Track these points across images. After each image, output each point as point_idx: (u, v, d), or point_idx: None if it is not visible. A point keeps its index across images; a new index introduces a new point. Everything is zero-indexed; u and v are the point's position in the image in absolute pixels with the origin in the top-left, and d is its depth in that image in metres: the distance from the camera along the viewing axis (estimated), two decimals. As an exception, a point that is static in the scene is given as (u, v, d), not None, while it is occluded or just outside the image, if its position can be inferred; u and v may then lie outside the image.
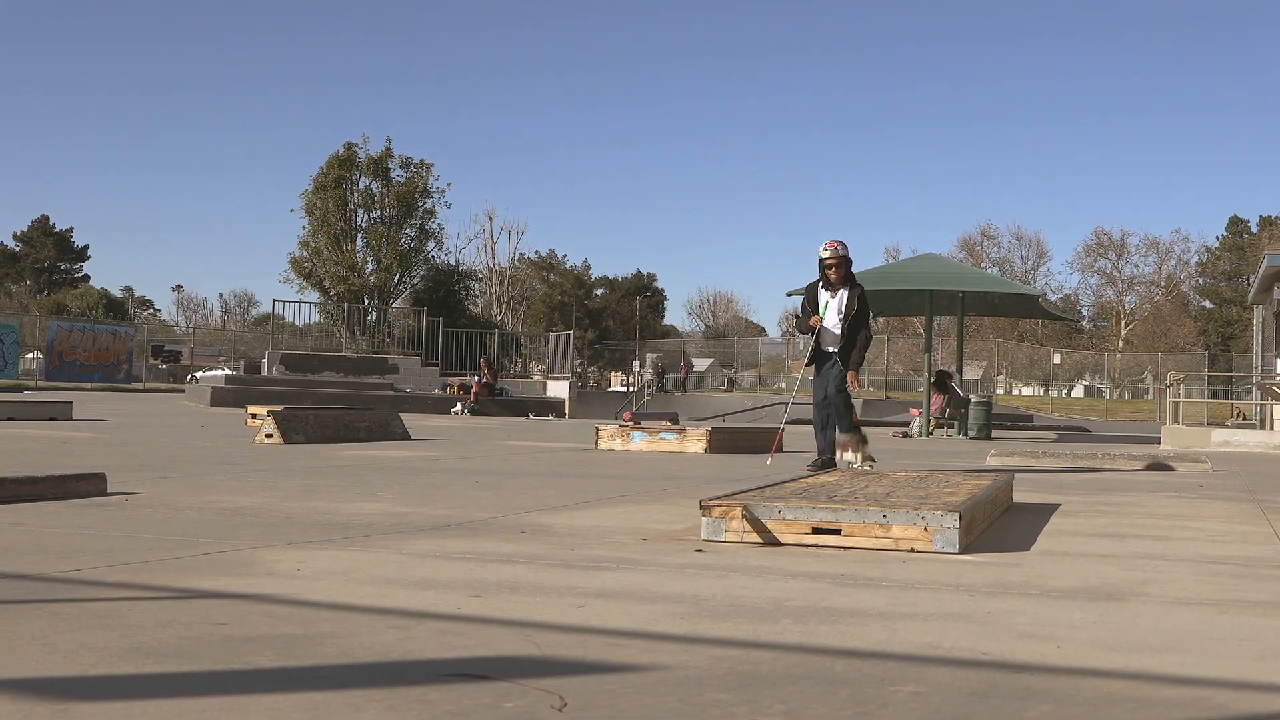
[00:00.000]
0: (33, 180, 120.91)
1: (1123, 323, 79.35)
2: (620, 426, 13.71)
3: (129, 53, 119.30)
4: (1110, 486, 8.61)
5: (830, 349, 9.14)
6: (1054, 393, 64.35)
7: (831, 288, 9.10)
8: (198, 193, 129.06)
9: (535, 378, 39.71)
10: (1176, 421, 18.74)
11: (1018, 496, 6.98)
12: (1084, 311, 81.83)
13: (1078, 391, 68.77)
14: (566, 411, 29.96)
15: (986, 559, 4.51)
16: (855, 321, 9.06)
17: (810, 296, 9.29)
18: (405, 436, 14.00)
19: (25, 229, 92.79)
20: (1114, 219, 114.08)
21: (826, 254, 9.07)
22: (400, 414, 15.70)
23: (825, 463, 9.00)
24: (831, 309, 9.12)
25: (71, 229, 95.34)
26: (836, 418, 9.09)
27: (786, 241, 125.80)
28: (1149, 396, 56.83)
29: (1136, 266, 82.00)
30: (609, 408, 31.67)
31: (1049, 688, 2.50)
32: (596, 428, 13.69)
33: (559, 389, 32.19)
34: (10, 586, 3.45)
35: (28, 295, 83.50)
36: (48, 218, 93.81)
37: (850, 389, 9.10)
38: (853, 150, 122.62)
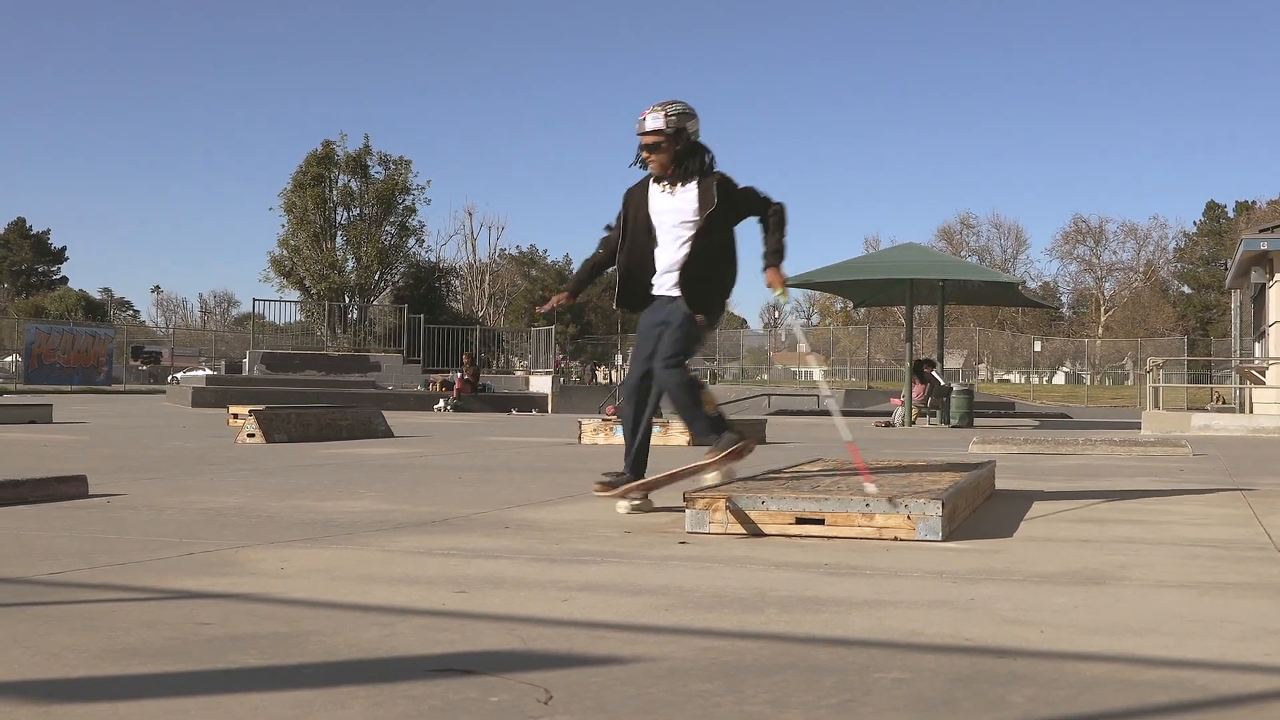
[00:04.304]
0: (8, 182, 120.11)
1: (1102, 309, 79.78)
2: (603, 421, 13.70)
3: (105, 53, 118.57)
4: (1091, 472, 8.65)
5: (667, 289, 5.40)
6: (1035, 380, 64.63)
7: (668, 183, 5.36)
8: (176, 193, 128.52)
9: (518, 373, 39.66)
10: (1157, 406, 18.86)
11: (1000, 483, 7.01)
12: (1063, 299, 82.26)
13: (1059, 378, 69.10)
14: (549, 406, 29.94)
15: (969, 546, 4.53)
16: (715, 226, 5.28)
17: (630, 202, 5.49)
18: (388, 434, 13.97)
19: (1, 231, 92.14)
20: (1092, 206, 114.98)
21: (648, 128, 5.27)
22: (383, 411, 15.66)
23: (615, 480, 5.64)
24: (666, 216, 5.36)
25: (49, 230, 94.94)
26: (678, 413, 5.57)
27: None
28: (1129, 382, 57.13)
29: (1115, 253, 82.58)
30: (592, 402, 31.64)
31: (1032, 672, 2.52)
32: (579, 422, 13.67)
33: (541, 384, 32.18)
34: (-9, 590, 3.43)
35: (5, 298, 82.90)
36: (24, 219, 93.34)
37: (776, 295, 5.41)
38: (830, 140, 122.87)
